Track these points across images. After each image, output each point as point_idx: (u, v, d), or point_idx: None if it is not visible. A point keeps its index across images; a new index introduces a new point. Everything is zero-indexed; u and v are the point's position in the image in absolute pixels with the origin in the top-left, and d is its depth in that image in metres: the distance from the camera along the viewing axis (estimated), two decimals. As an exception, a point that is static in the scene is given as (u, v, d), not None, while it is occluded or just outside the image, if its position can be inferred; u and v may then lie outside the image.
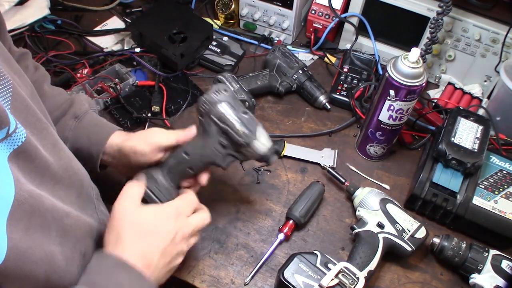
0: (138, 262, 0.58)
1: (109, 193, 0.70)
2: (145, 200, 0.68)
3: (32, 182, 0.52)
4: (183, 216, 0.65)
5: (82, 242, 0.60)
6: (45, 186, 0.54)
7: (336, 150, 0.97)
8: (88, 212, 0.66)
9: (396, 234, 0.79)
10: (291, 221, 0.84)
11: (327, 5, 1.11)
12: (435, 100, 1.06)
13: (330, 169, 0.91)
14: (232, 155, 0.71)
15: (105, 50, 1.13)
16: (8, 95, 0.51)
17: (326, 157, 0.96)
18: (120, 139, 0.74)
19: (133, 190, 0.65)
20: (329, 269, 0.72)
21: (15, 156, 0.49)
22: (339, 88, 1.06)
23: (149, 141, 0.71)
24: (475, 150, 0.84)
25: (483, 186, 0.85)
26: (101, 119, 0.80)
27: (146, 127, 0.99)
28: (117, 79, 1.03)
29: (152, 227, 0.61)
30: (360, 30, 1.11)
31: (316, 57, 1.17)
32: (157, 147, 0.71)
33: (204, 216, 0.69)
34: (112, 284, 0.55)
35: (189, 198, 0.68)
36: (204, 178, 0.73)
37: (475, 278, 0.77)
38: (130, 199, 0.63)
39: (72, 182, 0.61)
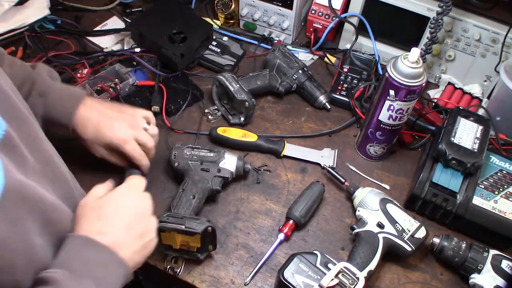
0: (99, 238, 0.56)
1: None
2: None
3: (22, 173, 0.51)
4: (139, 191, 0.66)
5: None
6: (31, 177, 0.53)
7: (336, 150, 0.97)
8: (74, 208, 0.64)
9: (396, 234, 0.79)
10: (291, 221, 0.84)
11: (327, 5, 1.11)
12: (435, 100, 1.06)
13: (330, 169, 0.91)
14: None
15: (105, 50, 1.13)
16: None
17: (326, 157, 0.96)
18: (89, 115, 0.80)
19: (99, 187, 0.65)
20: (329, 269, 0.72)
21: (0, 146, 0.49)
22: (339, 88, 1.06)
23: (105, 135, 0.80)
24: (475, 150, 0.84)
25: (483, 186, 0.85)
26: (65, 90, 0.81)
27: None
28: (117, 79, 1.02)
29: (110, 209, 0.61)
30: (360, 30, 1.11)
31: (316, 57, 1.17)
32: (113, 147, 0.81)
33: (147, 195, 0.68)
34: (78, 259, 0.54)
35: (137, 178, 0.69)
36: None
37: (475, 278, 0.77)
38: (93, 193, 0.64)
39: (55, 176, 0.61)
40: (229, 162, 0.88)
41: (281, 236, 0.83)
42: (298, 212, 0.84)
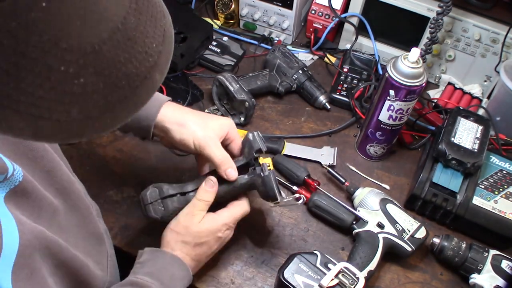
0: (190, 263, 0.69)
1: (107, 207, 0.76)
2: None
3: (29, 217, 0.50)
4: (231, 227, 0.74)
5: (77, 277, 0.59)
6: (43, 219, 0.53)
7: (336, 148, 0.97)
8: (86, 246, 0.64)
9: (396, 234, 0.79)
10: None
11: (327, 5, 1.11)
12: (435, 100, 1.06)
13: (330, 169, 0.91)
14: None
15: (105, 50, 1.13)
16: None
17: (326, 155, 0.96)
18: (172, 120, 0.73)
19: (198, 205, 0.71)
20: (329, 269, 0.71)
21: (12, 194, 0.48)
22: (339, 88, 1.06)
23: (201, 149, 0.72)
24: (475, 150, 0.84)
25: (483, 186, 0.85)
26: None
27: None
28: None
29: (206, 239, 0.70)
30: (360, 30, 1.11)
31: (316, 57, 1.16)
32: (204, 156, 0.73)
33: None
34: (167, 275, 0.65)
35: (241, 208, 0.74)
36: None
37: (475, 278, 0.77)
38: (194, 212, 0.70)
39: (70, 207, 0.60)
40: None
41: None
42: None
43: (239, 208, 0.73)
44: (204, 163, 0.79)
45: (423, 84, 0.80)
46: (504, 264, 0.76)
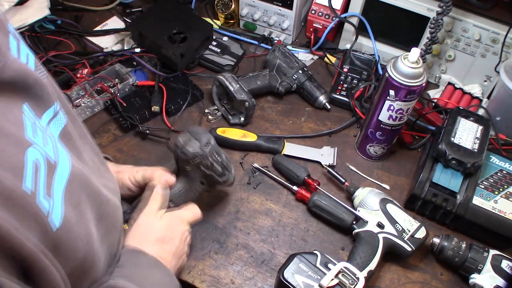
0: (161, 261, 0.67)
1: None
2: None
3: (79, 162, 0.54)
4: (188, 224, 0.74)
5: (113, 234, 0.62)
6: (87, 169, 0.56)
7: (336, 148, 0.97)
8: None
9: (396, 234, 0.79)
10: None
11: (327, 5, 1.11)
12: (435, 100, 1.06)
13: (330, 169, 0.91)
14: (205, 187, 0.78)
15: (105, 50, 1.13)
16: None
17: (326, 155, 0.96)
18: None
19: (155, 203, 0.72)
20: (329, 269, 0.72)
21: (62, 136, 0.52)
22: (339, 88, 1.06)
23: (137, 179, 0.76)
24: (475, 150, 0.84)
25: (483, 186, 0.85)
26: None
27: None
28: (116, 80, 1.02)
29: (167, 235, 0.70)
30: (360, 30, 1.11)
31: (316, 57, 1.17)
32: (143, 185, 0.76)
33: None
34: (149, 278, 0.64)
35: (195, 210, 0.76)
36: None
37: (475, 278, 0.77)
38: (153, 210, 0.71)
39: (101, 172, 0.64)
40: None
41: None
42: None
43: (192, 209, 0.76)
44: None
45: (423, 84, 0.80)
46: (504, 264, 0.76)
